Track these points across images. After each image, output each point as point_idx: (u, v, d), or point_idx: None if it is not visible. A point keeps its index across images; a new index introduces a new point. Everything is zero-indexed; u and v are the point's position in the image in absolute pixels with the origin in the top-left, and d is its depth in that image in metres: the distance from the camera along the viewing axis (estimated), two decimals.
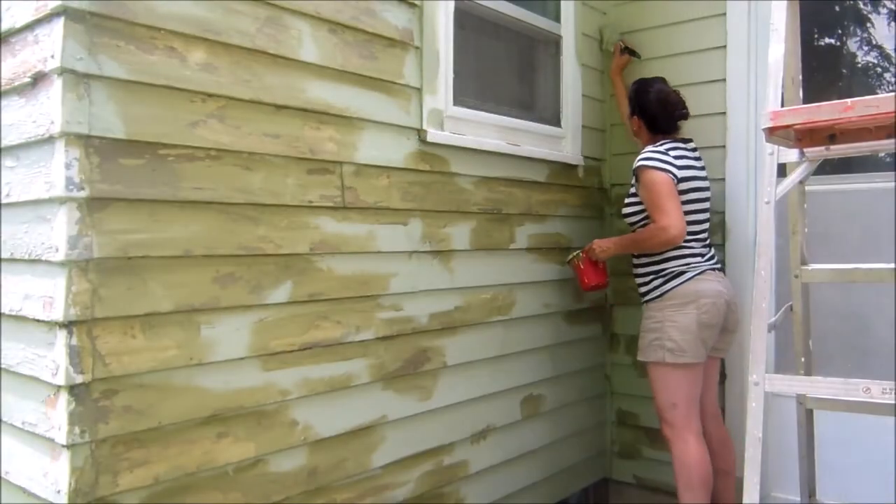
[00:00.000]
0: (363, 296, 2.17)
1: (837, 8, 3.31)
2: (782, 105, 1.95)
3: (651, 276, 2.62)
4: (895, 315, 2.68)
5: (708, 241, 2.70)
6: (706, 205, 2.68)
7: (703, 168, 2.70)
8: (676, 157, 2.57)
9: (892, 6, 3.12)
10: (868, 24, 3.33)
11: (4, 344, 1.71)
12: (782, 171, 2.21)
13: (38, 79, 1.57)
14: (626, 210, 2.72)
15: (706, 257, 2.63)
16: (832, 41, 3.51)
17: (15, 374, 1.67)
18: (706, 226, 2.69)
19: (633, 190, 2.67)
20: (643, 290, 2.67)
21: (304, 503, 2.01)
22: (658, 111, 2.70)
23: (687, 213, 2.56)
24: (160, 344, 1.68)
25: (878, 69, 3.37)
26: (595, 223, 3.20)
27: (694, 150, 2.71)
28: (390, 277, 2.25)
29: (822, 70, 3.42)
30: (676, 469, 2.57)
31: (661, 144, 2.62)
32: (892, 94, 1.65)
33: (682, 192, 2.56)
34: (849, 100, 1.71)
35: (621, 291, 3.23)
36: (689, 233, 2.57)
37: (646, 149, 2.62)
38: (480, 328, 2.60)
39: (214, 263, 1.79)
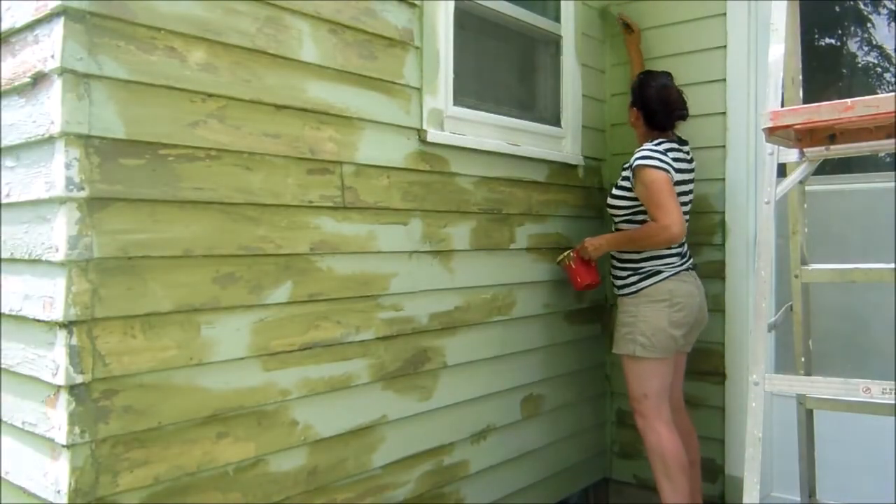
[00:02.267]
0: (363, 296, 2.17)
1: (837, 8, 3.32)
2: (782, 105, 1.95)
3: (629, 273, 2.68)
4: (895, 315, 2.68)
5: (685, 243, 2.74)
6: (688, 207, 2.72)
7: (693, 171, 2.73)
8: (674, 160, 2.59)
9: (892, 6, 3.12)
10: (868, 25, 3.33)
11: (4, 344, 1.71)
12: (782, 171, 2.21)
13: (38, 79, 1.57)
14: (613, 202, 2.74)
15: (683, 259, 2.68)
16: (832, 41, 3.51)
17: (15, 374, 1.67)
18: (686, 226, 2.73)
19: (624, 184, 2.68)
20: (619, 283, 2.72)
21: (304, 503, 2.01)
22: (658, 108, 2.69)
23: None
24: (160, 344, 1.68)
25: (878, 69, 3.37)
26: (595, 223, 3.20)
27: (688, 152, 2.73)
28: (390, 277, 2.25)
29: (822, 70, 3.42)
30: (651, 459, 2.64)
31: (660, 143, 2.62)
32: (892, 94, 1.65)
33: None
34: (849, 100, 1.71)
35: None
36: None
37: (645, 146, 2.62)
38: (480, 328, 2.60)
39: (214, 263, 1.79)
